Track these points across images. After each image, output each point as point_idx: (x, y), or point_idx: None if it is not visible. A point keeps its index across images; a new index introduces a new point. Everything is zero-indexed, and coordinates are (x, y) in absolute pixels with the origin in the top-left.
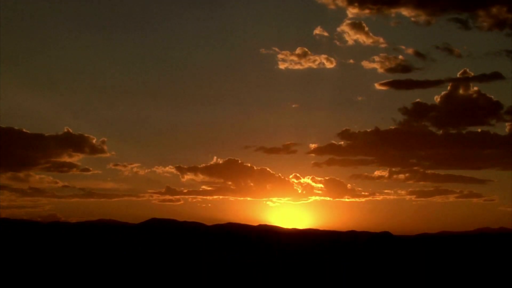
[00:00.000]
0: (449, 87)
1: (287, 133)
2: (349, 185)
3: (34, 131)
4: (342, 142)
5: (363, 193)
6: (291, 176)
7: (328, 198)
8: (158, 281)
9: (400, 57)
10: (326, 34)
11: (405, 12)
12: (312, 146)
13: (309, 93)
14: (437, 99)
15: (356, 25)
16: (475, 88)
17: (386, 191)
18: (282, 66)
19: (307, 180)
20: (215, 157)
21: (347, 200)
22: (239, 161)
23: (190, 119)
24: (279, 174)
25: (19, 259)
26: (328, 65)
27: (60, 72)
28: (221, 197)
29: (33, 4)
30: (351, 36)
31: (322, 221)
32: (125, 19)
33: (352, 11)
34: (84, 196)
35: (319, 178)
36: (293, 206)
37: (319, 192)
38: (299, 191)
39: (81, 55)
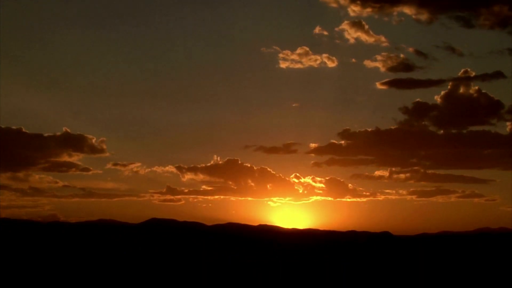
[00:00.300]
0: (450, 86)
1: (287, 133)
2: (350, 185)
3: (33, 131)
4: (343, 142)
5: (364, 193)
6: (291, 176)
7: (329, 198)
8: (158, 281)
9: (402, 56)
10: (327, 33)
11: (407, 10)
12: (313, 145)
13: (310, 92)
14: (438, 98)
15: (358, 24)
16: (477, 87)
17: (387, 191)
18: (283, 65)
19: (307, 180)
20: (215, 156)
21: (348, 200)
22: (239, 161)
23: (190, 118)
24: (280, 174)
25: (19, 259)
26: (329, 64)
27: (60, 72)
28: (222, 197)
29: (32, 4)
30: (353, 35)
31: (323, 221)
32: (125, 18)
33: (353, 10)
34: (84, 196)
35: (320, 178)
36: (294, 206)
37: (320, 192)
38: (300, 191)
39: (80, 54)
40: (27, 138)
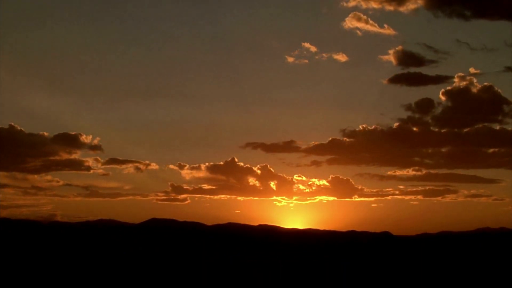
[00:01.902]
0: (458, 82)
1: (289, 131)
2: (354, 183)
3: (34, 131)
4: (344, 140)
5: (369, 192)
6: (295, 176)
7: (333, 198)
8: (158, 281)
9: (411, 50)
10: (335, 27)
11: (417, 3)
12: (313, 143)
13: (314, 90)
14: (444, 95)
15: (366, 18)
16: (483, 84)
17: (391, 190)
18: (289, 60)
19: (312, 179)
20: (217, 156)
21: (355, 199)
22: (242, 160)
23: (191, 116)
24: (283, 174)
25: (19, 259)
26: (334, 60)
27: (60, 72)
28: (228, 196)
29: (33, 4)
30: (361, 29)
31: (327, 220)
32: (125, 18)
33: (363, 4)
34: (87, 196)
35: (324, 177)
36: (300, 206)
37: (325, 191)
38: (307, 190)
39: (80, 55)
40: (28, 137)
